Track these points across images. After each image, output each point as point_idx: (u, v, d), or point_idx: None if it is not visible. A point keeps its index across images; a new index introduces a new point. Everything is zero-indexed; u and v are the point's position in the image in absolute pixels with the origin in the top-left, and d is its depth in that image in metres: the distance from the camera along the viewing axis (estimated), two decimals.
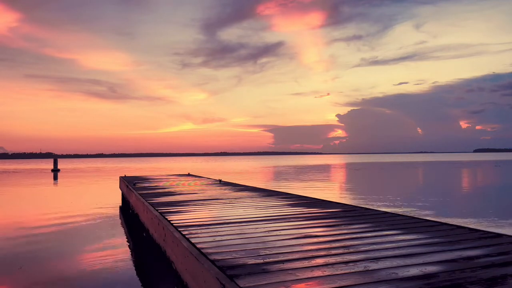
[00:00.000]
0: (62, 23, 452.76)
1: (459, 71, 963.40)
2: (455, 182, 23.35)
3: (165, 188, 9.31)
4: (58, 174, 37.85)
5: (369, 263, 2.70)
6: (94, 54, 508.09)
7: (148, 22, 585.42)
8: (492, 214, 10.21)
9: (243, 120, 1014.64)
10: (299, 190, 16.11)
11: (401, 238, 3.50)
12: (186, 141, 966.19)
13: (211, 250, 3.13)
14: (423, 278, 2.34)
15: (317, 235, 3.68)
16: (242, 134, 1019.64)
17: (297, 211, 5.26)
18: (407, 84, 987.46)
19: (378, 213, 5.00)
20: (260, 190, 8.58)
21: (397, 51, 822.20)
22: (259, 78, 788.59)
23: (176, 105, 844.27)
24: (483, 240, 3.36)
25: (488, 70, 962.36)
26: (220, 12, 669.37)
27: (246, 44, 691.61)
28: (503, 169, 37.23)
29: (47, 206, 14.02)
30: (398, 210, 10.55)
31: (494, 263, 2.64)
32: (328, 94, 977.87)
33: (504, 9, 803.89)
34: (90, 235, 8.38)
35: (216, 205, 6.11)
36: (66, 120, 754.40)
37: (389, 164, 55.62)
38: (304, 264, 2.69)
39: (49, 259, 6.55)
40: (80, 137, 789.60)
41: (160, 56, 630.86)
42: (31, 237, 8.29)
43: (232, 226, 4.19)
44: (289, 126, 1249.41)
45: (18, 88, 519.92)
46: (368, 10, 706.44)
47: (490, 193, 16.86)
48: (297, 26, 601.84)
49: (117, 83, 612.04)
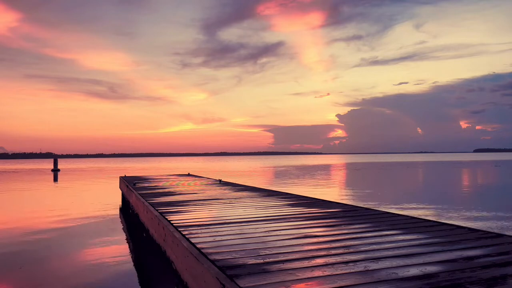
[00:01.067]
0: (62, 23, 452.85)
1: (459, 71, 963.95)
2: (455, 182, 23.35)
3: (165, 188, 9.32)
4: (58, 174, 37.85)
5: (369, 263, 2.70)
6: (94, 54, 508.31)
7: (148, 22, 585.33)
8: (492, 214, 10.21)
9: (243, 120, 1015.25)
10: (299, 190, 16.11)
11: (401, 238, 3.50)
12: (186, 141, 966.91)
13: (211, 250, 3.13)
14: (423, 278, 2.34)
15: (317, 235, 3.68)
16: (242, 134, 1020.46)
17: (297, 211, 5.26)
18: (407, 84, 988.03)
19: (378, 213, 5.00)
20: (260, 190, 8.58)
21: (397, 51, 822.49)
22: (259, 78, 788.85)
23: (176, 105, 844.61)
24: (483, 240, 3.36)
25: (488, 70, 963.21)
26: (220, 12, 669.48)
27: (246, 44, 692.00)
28: (503, 169, 37.24)
29: (47, 206, 14.02)
30: (398, 210, 10.55)
31: (494, 263, 2.64)
32: (328, 94, 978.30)
33: (504, 9, 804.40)
34: (90, 235, 8.38)
35: (216, 205, 6.11)
36: (66, 120, 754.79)
37: (389, 164, 55.63)
38: (304, 264, 2.69)
39: (49, 259, 6.55)
40: (80, 137, 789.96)
41: (160, 56, 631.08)
42: (31, 237, 8.29)
43: (232, 226, 4.19)
44: (289, 126, 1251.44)
45: (18, 88, 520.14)
46: (368, 10, 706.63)
47: (490, 193, 16.86)
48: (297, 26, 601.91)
49: (117, 83, 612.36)
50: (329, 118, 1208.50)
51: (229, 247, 3.24)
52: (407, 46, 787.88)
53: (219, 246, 3.28)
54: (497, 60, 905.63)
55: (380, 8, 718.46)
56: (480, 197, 15.54)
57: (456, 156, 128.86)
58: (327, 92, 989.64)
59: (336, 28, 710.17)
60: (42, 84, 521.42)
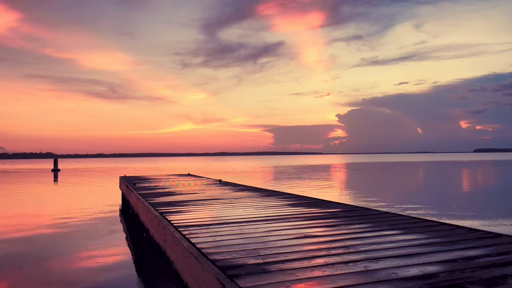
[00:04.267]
0: (62, 23, 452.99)
1: (459, 71, 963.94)
2: (455, 182, 23.35)
3: (165, 188, 9.31)
4: (58, 174, 37.84)
5: (369, 263, 2.70)
6: (94, 54, 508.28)
7: (148, 22, 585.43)
8: (492, 214, 10.21)
9: (243, 120, 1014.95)
10: (299, 190, 16.11)
11: (401, 238, 3.50)
12: (186, 141, 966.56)
13: (211, 250, 3.13)
14: (423, 278, 2.34)
15: (317, 235, 3.68)
16: (242, 134, 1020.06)
17: (297, 211, 5.26)
18: (407, 84, 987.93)
19: (378, 213, 5.00)
20: (260, 190, 8.58)
21: (397, 51, 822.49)
22: (259, 78, 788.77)
23: (176, 105, 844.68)
24: (483, 240, 3.36)
25: (488, 70, 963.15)
26: (220, 12, 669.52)
27: (246, 44, 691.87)
28: (502, 169, 37.24)
29: (47, 206, 14.02)
30: (398, 210, 10.55)
31: (494, 263, 2.64)
32: (328, 94, 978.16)
33: (504, 9, 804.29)
34: (90, 235, 8.38)
35: (216, 205, 6.11)
36: (66, 120, 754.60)
37: (389, 164, 55.62)
38: (304, 264, 2.69)
39: (49, 259, 6.54)
40: (80, 137, 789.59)
41: (160, 56, 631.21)
42: (31, 237, 8.29)
43: (232, 226, 4.19)
44: (289, 126, 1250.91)
45: (18, 88, 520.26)
46: (368, 10, 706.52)
47: (490, 193, 16.85)
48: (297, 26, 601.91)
49: (117, 83, 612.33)
50: (329, 118, 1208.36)
51: (229, 247, 3.24)
52: (407, 46, 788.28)
53: (219, 246, 3.28)
54: (497, 60, 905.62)
55: (380, 8, 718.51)
56: (480, 197, 15.54)
57: (456, 156, 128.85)
58: (327, 92, 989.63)
59: (336, 28, 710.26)
60: (42, 84, 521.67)
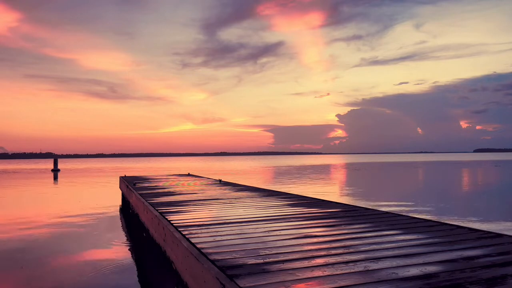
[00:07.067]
0: (62, 23, 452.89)
1: (459, 71, 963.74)
2: (454, 182, 23.35)
3: (165, 188, 9.31)
4: (58, 174, 37.83)
5: (369, 263, 2.69)
6: (94, 54, 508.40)
7: (148, 22, 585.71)
8: (492, 214, 10.21)
9: (243, 120, 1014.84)
10: (299, 190, 16.11)
11: (401, 238, 3.50)
12: (186, 141, 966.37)
13: (211, 250, 3.13)
14: (423, 278, 2.34)
15: (317, 235, 3.67)
16: (242, 134, 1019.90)
17: (297, 211, 5.26)
18: (407, 84, 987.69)
19: (378, 213, 5.00)
20: (260, 190, 8.58)
21: (397, 51, 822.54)
22: (259, 78, 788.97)
23: (176, 105, 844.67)
24: (483, 240, 3.36)
25: (488, 70, 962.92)
26: (220, 12, 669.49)
27: (246, 44, 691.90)
28: (503, 169, 37.23)
29: (47, 206, 14.02)
30: (398, 210, 10.55)
31: (494, 263, 2.64)
32: (328, 94, 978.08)
33: (504, 9, 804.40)
34: (90, 235, 8.38)
35: (216, 205, 6.11)
36: (66, 120, 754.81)
37: (389, 164, 55.60)
38: (304, 264, 2.69)
39: (49, 259, 6.54)
40: (80, 137, 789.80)
41: (160, 56, 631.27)
42: (31, 237, 8.29)
43: (232, 226, 4.19)
44: (289, 126, 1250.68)
45: (18, 88, 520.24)
46: (368, 10, 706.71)
47: (490, 193, 16.85)
48: (297, 26, 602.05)
49: (117, 83, 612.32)
50: (329, 118, 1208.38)
51: (229, 247, 3.24)
52: (407, 46, 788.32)
53: (219, 246, 3.28)
54: (497, 60, 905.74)
55: (380, 8, 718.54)
56: (480, 197, 15.54)
57: (456, 156, 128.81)
58: (327, 92, 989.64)
59: (336, 28, 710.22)
60: (42, 84, 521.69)
